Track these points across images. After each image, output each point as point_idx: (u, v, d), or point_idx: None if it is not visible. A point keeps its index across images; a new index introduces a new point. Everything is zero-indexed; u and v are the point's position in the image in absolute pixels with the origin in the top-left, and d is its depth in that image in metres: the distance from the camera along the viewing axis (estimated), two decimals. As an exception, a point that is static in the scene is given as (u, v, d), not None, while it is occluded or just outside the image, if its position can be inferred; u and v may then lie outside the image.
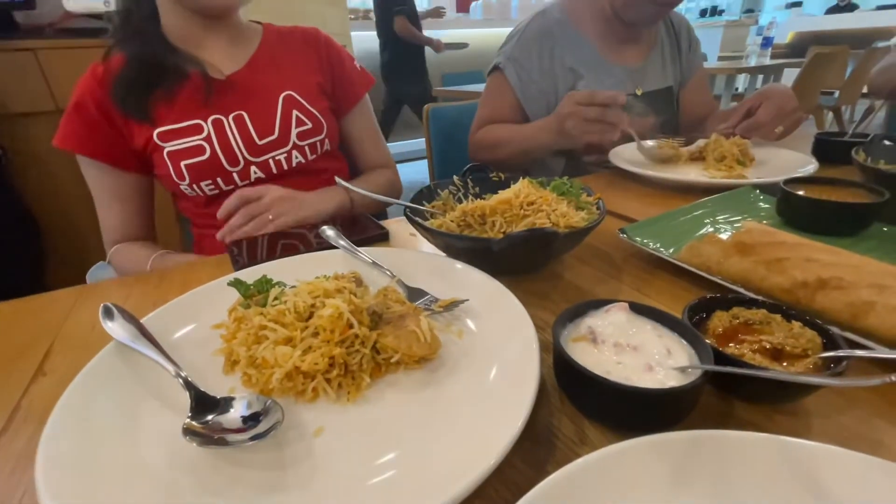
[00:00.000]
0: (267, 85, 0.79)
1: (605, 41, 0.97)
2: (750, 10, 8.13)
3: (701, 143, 0.87)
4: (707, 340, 0.33)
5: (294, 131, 0.79)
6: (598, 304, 0.36)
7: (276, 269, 0.46)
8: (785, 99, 0.85)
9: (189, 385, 0.32)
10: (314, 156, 0.83)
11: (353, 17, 3.91)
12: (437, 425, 0.30)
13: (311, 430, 0.30)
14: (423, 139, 1.43)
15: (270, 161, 0.78)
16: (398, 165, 1.00)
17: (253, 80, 0.79)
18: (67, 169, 1.34)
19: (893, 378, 0.20)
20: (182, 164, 0.73)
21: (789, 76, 3.70)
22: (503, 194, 0.52)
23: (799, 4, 7.72)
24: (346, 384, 0.34)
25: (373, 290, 0.44)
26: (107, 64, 0.72)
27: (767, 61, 3.85)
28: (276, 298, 0.38)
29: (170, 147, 0.73)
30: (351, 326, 0.35)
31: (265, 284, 0.41)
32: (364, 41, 3.96)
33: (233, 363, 0.37)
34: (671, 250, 0.51)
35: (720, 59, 4.59)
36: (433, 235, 0.50)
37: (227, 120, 0.75)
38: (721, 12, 7.25)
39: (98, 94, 0.71)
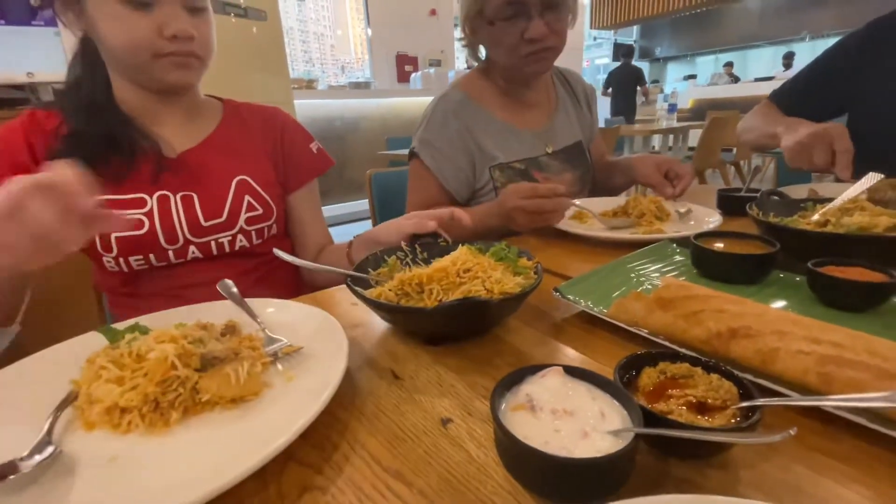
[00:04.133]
0: (221, 167, 0.78)
1: (507, 111, 1.06)
2: (656, 81, 9.38)
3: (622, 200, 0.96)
4: (638, 399, 0.34)
5: (243, 216, 0.77)
6: (535, 369, 0.37)
7: (165, 317, 0.53)
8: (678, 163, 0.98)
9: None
10: (259, 241, 0.81)
11: (296, 86, 4.04)
12: (207, 455, 0.34)
13: (108, 458, 0.34)
14: (367, 200, 1.46)
15: (212, 243, 0.76)
16: (343, 226, 1.00)
17: (207, 161, 0.77)
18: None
19: (792, 432, 0.22)
20: (113, 235, 0.69)
21: (694, 136, 4.23)
22: (440, 262, 0.53)
23: (694, 77, 9.04)
24: (155, 419, 0.38)
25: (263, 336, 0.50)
26: (48, 113, 0.69)
27: (675, 124, 4.45)
28: (127, 343, 0.43)
29: None
30: (175, 368, 0.39)
31: (131, 331, 0.45)
32: (307, 109, 4.08)
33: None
34: (601, 307, 0.53)
35: (637, 122, 5.15)
36: (371, 305, 0.50)
37: (175, 198, 0.72)
38: (632, 83, 8.25)
39: (33, 139, 0.67)
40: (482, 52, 1.08)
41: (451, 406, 0.40)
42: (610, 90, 6.62)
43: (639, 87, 6.45)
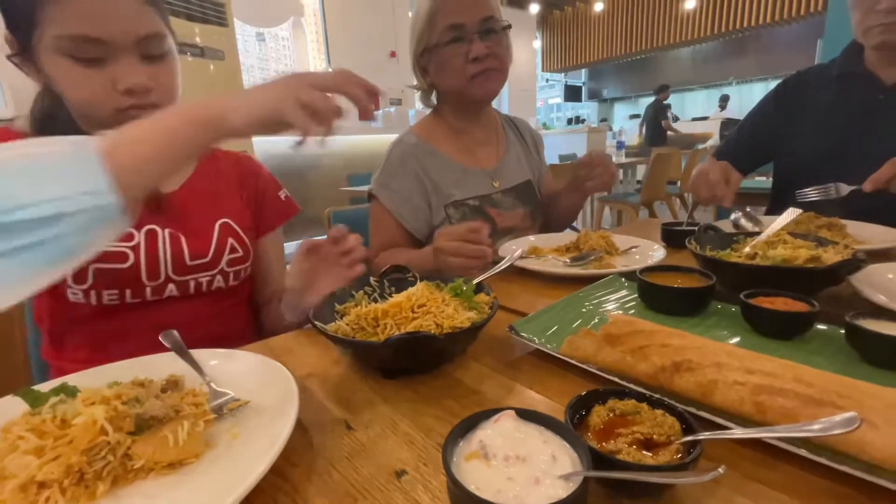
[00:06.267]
0: (203, 210, 0.78)
1: (459, 151, 1.12)
2: (604, 119, 10.04)
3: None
4: (589, 439, 0.34)
5: (226, 257, 0.77)
6: (488, 414, 0.37)
7: (100, 374, 0.50)
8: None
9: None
10: (235, 282, 0.80)
11: (255, 123, 4.01)
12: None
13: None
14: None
15: (192, 282, 0.74)
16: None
17: (188, 204, 0.77)
18: None
19: (720, 470, 0.23)
20: (92, 266, 0.65)
21: (641, 171, 4.51)
22: (396, 298, 0.53)
23: (638, 116, 9.76)
24: (78, 493, 0.34)
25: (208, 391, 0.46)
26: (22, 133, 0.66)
27: (624, 159, 4.74)
28: (51, 407, 0.39)
29: None
30: (105, 433, 0.36)
31: (56, 393, 0.41)
32: (267, 146, 4.05)
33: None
34: (554, 345, 0.54)
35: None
36: (327, 337, 0.51)
37: (163, 233, 0.71)
38: (583, 121, 8.87)
39: None
40: (433, 99, 1.15)
41: (405, 457, 0.39)
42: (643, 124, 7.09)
43: (662, 122, 6.93)
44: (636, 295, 0.69)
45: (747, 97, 8.18)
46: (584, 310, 0.66)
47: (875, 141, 1.04)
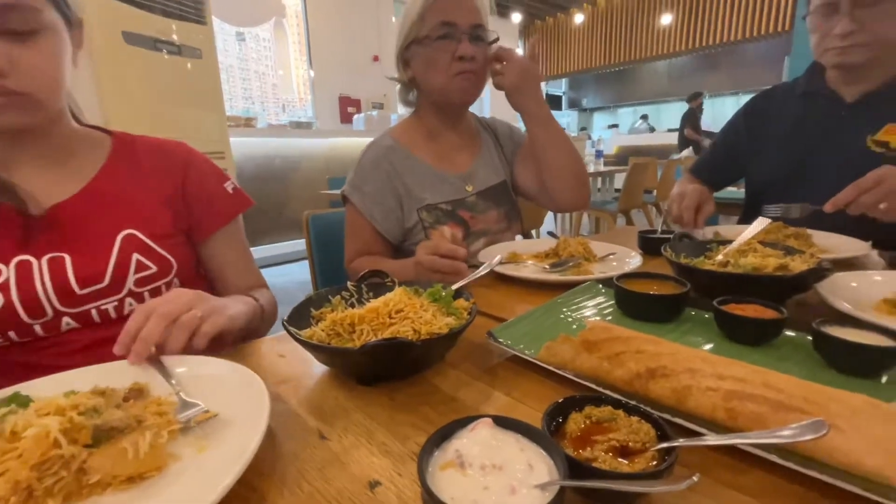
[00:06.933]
0: (103, 221, 0.67)
1: (434, 155, 1.12)
2: (584, 128, 10.23)
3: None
4: (565, 446, 0.34)
5: (132, 278, 0.67)
6: (465, 422, 0.36)
7: (57, 382, 0.46)
8: None
9: None
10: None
11: (233, 124, 3.94)
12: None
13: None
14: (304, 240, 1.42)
15: (93, 311, 0.65)
16: (281, 267, 0.96)
17: (85, 214, 0.66)
18: None
19: (695, 479, 0.23)
20: None
21: (619, 179, 4.61)
22: (373, 303, 0.52)
23: (616, 126, 9.99)
24: None
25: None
26: None
27: (602, 168, 4.83)
28: (1, 418, 0.36)
29: None
30: (58, 446, 0.34)
31: (6, 403, 0.39)
32: (243, 147, 3.98)
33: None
34: (532, 350, 0.54)
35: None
36: (301, 343, 0.50)
37: (39, 263, 0.61)
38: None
39: None
40: (412, 97, 1.15)
41: (380, 466, 0.38)
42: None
43: (685, 130, 7.01)
44: (613, 301, 0.70)
45: (720, 110, 8.47)
46: (562, 316, 0.66)
47: (838, 156, 1.09)
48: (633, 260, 0.90)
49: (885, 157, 1.01)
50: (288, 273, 3.60)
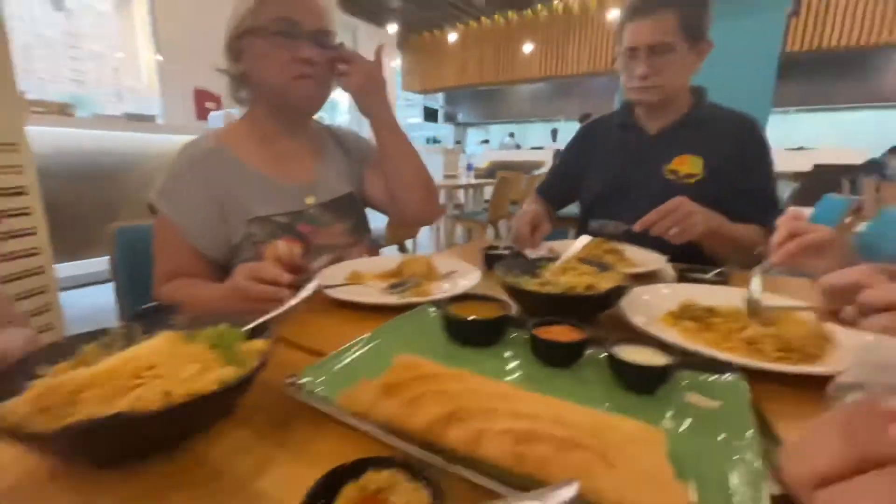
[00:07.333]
0: None
1: (268, 163, 0.99)
2: (458, 142, 10.76)
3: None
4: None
5: None
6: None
7: None
8: None
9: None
10: None
11: (41, 110, 3.18)
12: None
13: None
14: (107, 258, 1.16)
15: None
16: (74, 291, 0.73)
17: None
18: None
19: None
20: None
21: (489, 191, 4.90)
22: (109, 362, 0.40)
23: (487, 141, 10.74)
24: None
25: None
26: None
27: (473, 181, 5.11)
28: None
29: None
30: None
31: None
32: (53, 138, 3.27)
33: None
34: (336, 396, 0.47)
35: (445, 177, 5.72)
36: None
37: None
38: (439, 142, 9.38)
39: None
40: (245, 94, 1.02)
41: None
42: None
43: None
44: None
45: (572, 133, 9.61)
46: (386, 347, 0.61)
47: (645, 181, 1.25)
48: (470, 280, 0.87)
49: (675, 184, 1.20)
50: (91, 296, 2.81)
